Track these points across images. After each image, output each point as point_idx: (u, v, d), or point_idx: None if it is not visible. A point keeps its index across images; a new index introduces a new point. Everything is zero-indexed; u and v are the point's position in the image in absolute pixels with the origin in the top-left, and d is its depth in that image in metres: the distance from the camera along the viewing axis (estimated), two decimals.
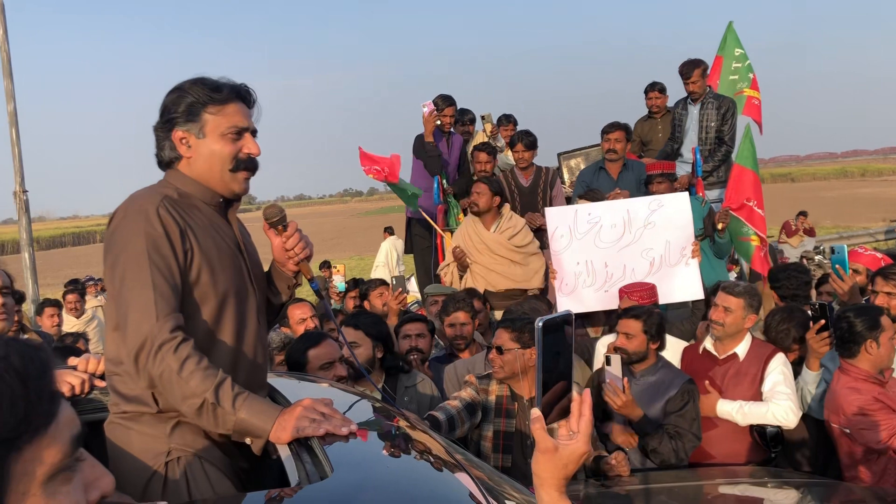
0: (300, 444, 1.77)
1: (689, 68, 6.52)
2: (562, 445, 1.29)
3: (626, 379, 3.52)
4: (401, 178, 6.11)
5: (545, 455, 1.29)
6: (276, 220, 2.19)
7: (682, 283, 4.72)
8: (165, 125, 2.03)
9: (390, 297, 5.06)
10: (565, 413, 1.33)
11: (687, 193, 5.00)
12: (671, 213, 4.79)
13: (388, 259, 13.44)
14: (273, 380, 2.52)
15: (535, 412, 1.29)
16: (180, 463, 1.92)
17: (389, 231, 14.48)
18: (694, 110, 6.57)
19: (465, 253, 5.44)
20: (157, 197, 1.95)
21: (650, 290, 4.41)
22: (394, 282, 5.32)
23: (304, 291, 15.12)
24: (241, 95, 2.06)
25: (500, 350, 3.31)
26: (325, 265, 13.51)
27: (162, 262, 1.88)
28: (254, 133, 2.08)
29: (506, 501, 1.79)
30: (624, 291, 4.43)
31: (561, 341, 1.31)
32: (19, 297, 4.80)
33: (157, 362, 1.81)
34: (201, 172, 2.05)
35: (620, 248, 4.79)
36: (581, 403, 1.32)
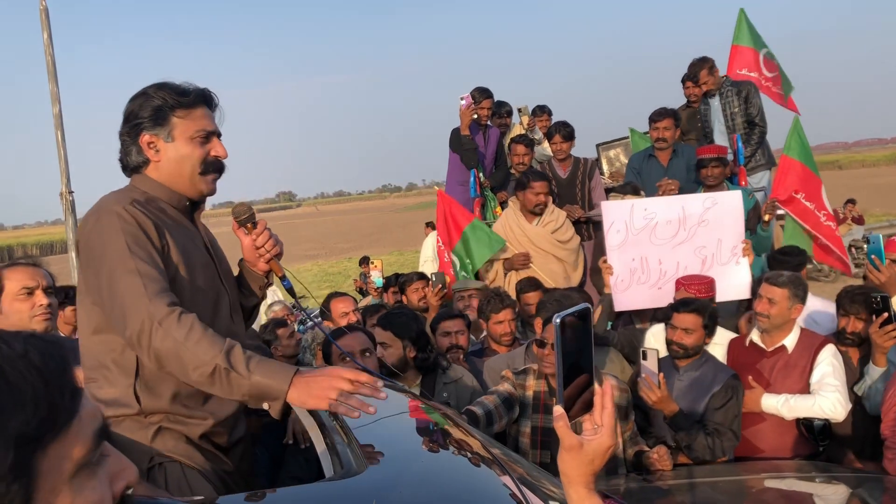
0: (336, 437, 1.77)
1: (696, 70, 6.44)
2: (587, 441, 1.27)
3: (661, 374, 3.45)
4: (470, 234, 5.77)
5: (571, 452, 1.26)
6: (245, 218, 2.23)
7: (731, 282, 4.64)
8: (132, 130, 2.04)
9: (430, 293, 5.05)
10: (588, 407, 1.30)
11: (740, 192, 4.90)
12: (724, 212, 4.71)
13: (435, 254, 13.38)
14: None
15: (558, 409, 1.26)
16: (162, 469, 1.92)
17: (431, 226, 14.47)
18: (714, 102, 6.47)
19: (528, 257, 5.43)
20: (125, 199, 1.98)
21: (709, 283, 4.30)
22: (434, 278, 5.31)
23: (347, 286, 15.24)
24: (206, 100, 2.10)
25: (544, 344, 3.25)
26: (365, 261, 13.57)
27: (143, 252, 1.89)
28: (219, 136, 2.12)
29: (545, 498, 1.77)
30: (681, 283, 4.34)
31: (580, 335, 1.28)
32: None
33: (161, 337, 1.79)
34: (170, 175, 2.07)
35: (675, 246, 4.72)
36: (603, 396, 1.29)
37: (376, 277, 8.01)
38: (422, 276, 5.67)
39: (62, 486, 0.74)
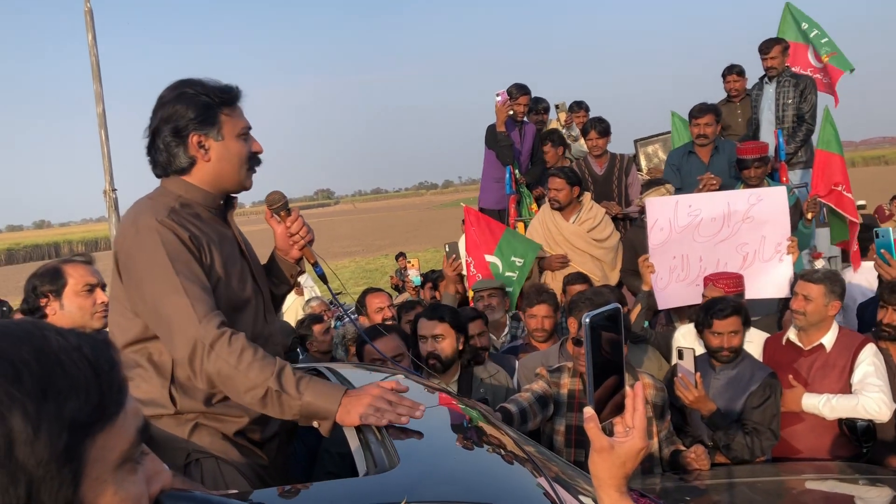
0: (369, 434, 1.78)
1: (770, 44, 6.40)
2: (618, 443, 1.25)
3: (698, 374, 3.41)
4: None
5: (601, 455, 1.25)
6: (279, 206, 2.24)
7: (772, 280, 4.56)
8: (181, 131, 1.97)
9: (446, 264, 5.03)
10: (619, 409, 1.28)
11: (785, 188, 4.81)
12: (769, 208, 4.61)
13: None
14: (348, 371, 2.55)
15: (588, 410, 1.25)
16: (199, 465, 1.95)
17: None
18: (770, 89, 6.37)
19: (567, 257, 5.40)
20: (162, 209, 1.96)
21: (737, 279, 4.26)
22: (447, 249, 5.26)
23: (384, 282, 15.29)
24: (240, 95, 2.07)
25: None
26: (401, 255, 13.63)
27: (186, 269, 1.89)
28: None
29: (579, 496, 1.76)
30: (710, 279, 4.29)
31: (610, 336, 1.27)
32: None
33: (213, 360, 1.83)
34: (219, 174, 2.04)
35: (717, 243, 4.65)
36: (634, 398, 1.27)
37: (414, 276, 8.10)
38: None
39: (107, 475, 0.76)
